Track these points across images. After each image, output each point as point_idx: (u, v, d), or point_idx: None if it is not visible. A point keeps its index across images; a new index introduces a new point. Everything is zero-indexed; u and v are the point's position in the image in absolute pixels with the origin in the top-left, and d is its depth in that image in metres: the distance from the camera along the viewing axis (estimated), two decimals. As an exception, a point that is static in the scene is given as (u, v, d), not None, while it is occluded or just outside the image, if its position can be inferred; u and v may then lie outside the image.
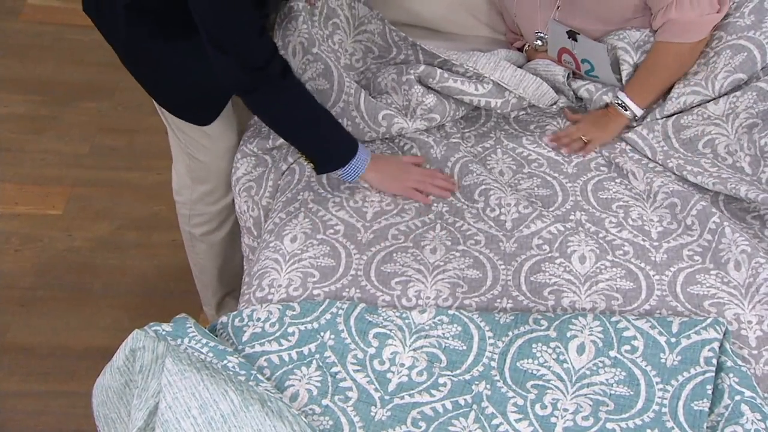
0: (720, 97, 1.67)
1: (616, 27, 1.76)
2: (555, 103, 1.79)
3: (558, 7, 1.78)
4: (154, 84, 1.61)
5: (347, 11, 1.79)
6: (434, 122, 1.71)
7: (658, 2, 1.66)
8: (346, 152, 1.53)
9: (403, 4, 1.99)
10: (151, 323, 1.32)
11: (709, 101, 1.68)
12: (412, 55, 1.79)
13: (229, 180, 1.76)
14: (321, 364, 1.31)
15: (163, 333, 1.30)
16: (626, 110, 1.67)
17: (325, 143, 1.53)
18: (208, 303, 2.09)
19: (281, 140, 1.69)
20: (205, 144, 1.67)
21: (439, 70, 1.70)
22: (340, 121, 1.66)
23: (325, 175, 1.65)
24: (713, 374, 1.25)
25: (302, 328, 1.35)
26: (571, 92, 1.78)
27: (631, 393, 1.25)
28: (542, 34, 1.83)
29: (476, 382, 1.28)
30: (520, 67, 1.78)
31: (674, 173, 1.61)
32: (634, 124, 1.70)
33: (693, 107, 1.68)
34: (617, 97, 1.68)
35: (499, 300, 1.41)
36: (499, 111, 1.75)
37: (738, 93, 1.65)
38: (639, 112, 1.67)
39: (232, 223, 1.88)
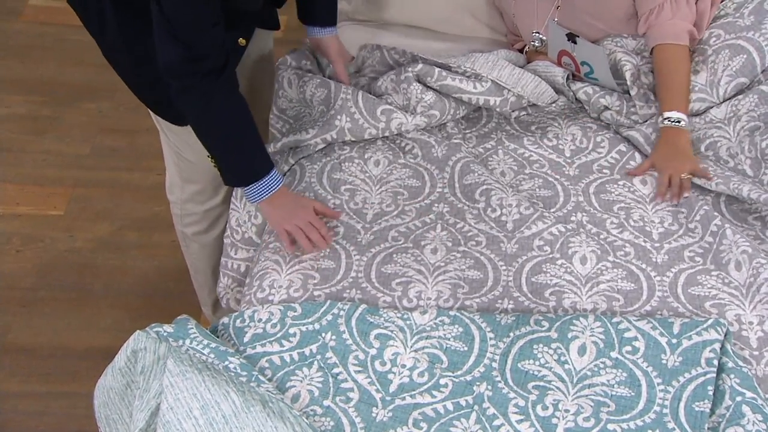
0: (723, 101, 1.67)
1: (615, 27, 1.76)
2: (554, 102, 1.79)
3: (558, 7, 1.78)
4: (135, 80, 1.60)
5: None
6: (434, 119, 1.71)
7: (643, 6, 1.68)
8: (254, 174, 1.48)
9: (405, 5, 1.99)
10: (153, 324, 1.32)
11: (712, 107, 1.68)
12: (411, 61, 1.80)
13: (217, 179, 1.76)
14: (322, 364, 1.31)
15: (165, 334, 1.30)
16: (680, 123, 1.60)
17: (237, 156, 1.49)
18: (205, 303, 2.09)
19: (282, 143, 1.69)
20: (192, 144, 1.66)
21: (437, 69, 1.70)
22: (339, 117, 1.66)
23: (325, 177, 1.65)
24: (714, 375, 1.25)
25: (303, 329, 1.35)
26: (571, 93, 1.78)
27: (632, 394, 1.25)
28: (540, 35, 1.83)
29: (477, 383, 1.28)
30: (521, 68, 1.78)
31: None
32: (640, 121, 1.69)
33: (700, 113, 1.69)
34: (667, 118, 1.60)
35: (500, 301, 1.41)
36: (498, 109, 1.74)
37: (740, 96, 1.66)
38: (688, 120, 1.62)
39: (224, 224, 1.88)
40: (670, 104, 1.62)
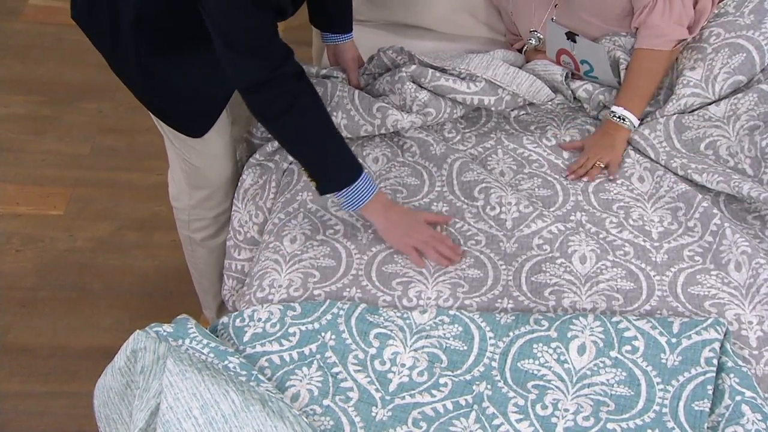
0: (720, 99, 1.67)
1: (613, 24, 1.76)
2: (551, 100, 1.79)
3: (555, 5, 1.78)
4: (148, 94, 1.58)
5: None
6: (430, 117, 1.71)
7: (638, 3, 1.68)
8: (348, 175, 1.46)
9: (404, 4, 2.00)
10: (153, 324, 1.32)
11: (709, 103, 1.68)
12: (407, 60, 1.80)
13: (227, 185, 1.75)
14: (322, 364, 1.31)
15: (164, 334, 1.30)
16: (625, 121, 1.65)
17: (327, 159, 1.47)
18: (209, 307, 2.08)
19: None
20: (199, 149, 1.66)
21: (430, 70, 1.70)
22: (335, 114, 1.66)
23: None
24: (714, 374, 1.25)
25: (303, 328, 1.35)
26: (569, 92, 1.78)
27: (632, 393, 1.25)
28: (538, 33, 1.83)
29: (477, 383, 1.28)
30: (520, 68, 1.78)
31: (677, 174, 1.60)
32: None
33: (694, 109, 1.69)
34: (613, 112, 1.65)
35: (499, 300, 1.41)
36: (493, 108, 1.74)
37: (739, 95, 1.66)
38: (636, 122, 1.66)
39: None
40: (623, 101, 1.66)
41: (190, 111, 1.59)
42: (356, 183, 1.46)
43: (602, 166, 1.62)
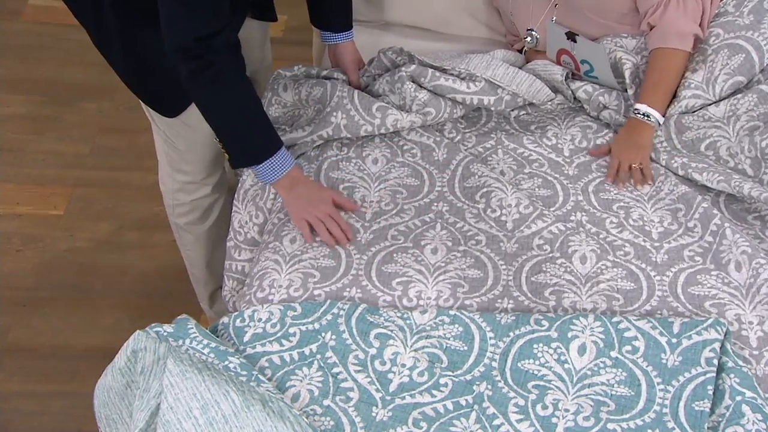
0: (720, 100, 1.67)
1: (615, 22, 1.76)
2: (551, 101, 1.78)
3: (555, 5, 1.78)
4: (127, 70, 1.60)
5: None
6: (430, 116, 1.70)
7: (645, 3, 1.68)
8: (264, 152, 1.50)
9: (404, 6, 1.99)
10: (153, 324, 1.32)
11: (710, 104, 1.68)
12: (407, 61, 1.80)
13: (207, 170, 1.77)
14: (322, 364, 1.31)
15: (165, 334, 1.30)
16: (650, 118, 1.62)
17: (245, 137, 1.50)
18: (202, 297, 2.09)
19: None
20: (183, 133, 1.67)
21: (430, 70, 1.69)
22: (334, 114, 1.66)
23: (323, 176, 1.65)
24: (714, 375, 1.25)
25: (303, 328, 1.35)
26: (570, 92, 1.78)
27: (632, 393, 1.25)
28: (535, 32, 1.83)
29: (477, 383, 1.28)
30: (520, 68, 1.77)
31: (677, 174, 1.60)
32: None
33: (695, 110, 1.69)
34: (637, 109, 1.62)
35: (500, 300, 1.41)
36: (492, 108, 1.74)
37: (739, 96, 1.65)
38: (661, 119, 1.63)
39: (217, 214, 1.88)
40: (646, 98, 1.63)
41: (167, 89, 1.59)
42: (268, 161, 1.50)
43: (639, 167, 1.59)
